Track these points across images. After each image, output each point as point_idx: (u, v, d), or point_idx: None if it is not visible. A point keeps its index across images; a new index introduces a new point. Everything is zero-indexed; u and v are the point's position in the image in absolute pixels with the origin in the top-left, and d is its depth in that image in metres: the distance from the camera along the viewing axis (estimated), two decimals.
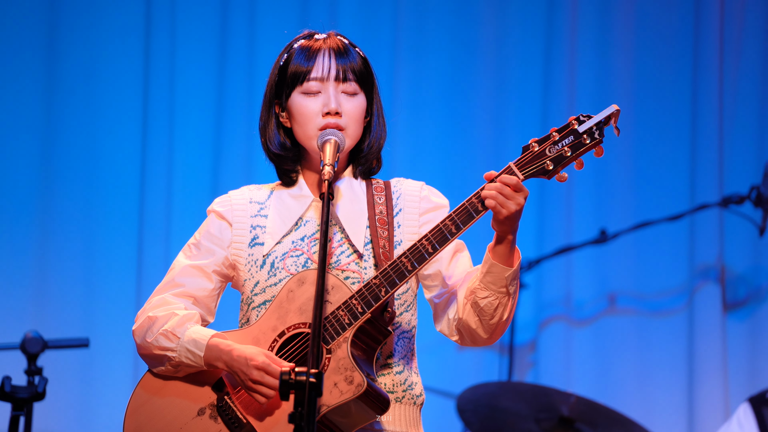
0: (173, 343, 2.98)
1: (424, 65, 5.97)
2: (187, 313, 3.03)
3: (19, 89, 5.81)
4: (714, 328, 5.80)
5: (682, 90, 5.97)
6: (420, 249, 2.88)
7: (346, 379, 2.86)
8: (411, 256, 2.89)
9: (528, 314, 5.91)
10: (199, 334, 2.97)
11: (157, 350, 2.99)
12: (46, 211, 5.77)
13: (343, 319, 2.90)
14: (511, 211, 2.83)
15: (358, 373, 2.85)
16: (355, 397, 2.83)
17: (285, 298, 2.96)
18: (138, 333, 3.03)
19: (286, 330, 2.95)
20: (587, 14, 5.97)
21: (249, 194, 3.15)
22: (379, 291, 2.89)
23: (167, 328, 2.99)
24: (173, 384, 3.02)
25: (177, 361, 2.98)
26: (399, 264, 2.89)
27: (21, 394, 4.46)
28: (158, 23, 5.86)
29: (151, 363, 3.03)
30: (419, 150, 5.95)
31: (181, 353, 2.97)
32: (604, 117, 2.82)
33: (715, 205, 5.78)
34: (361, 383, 2.84)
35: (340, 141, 2.98)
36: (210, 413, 2.99)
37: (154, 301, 3.07)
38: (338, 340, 2.89)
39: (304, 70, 3.03)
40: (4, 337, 5.44)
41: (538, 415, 4.89)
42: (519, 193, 2.84)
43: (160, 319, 3.01)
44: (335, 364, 2.87)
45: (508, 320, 2.96)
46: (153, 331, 3.00)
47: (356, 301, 2.90)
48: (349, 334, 2.89)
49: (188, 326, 2.99)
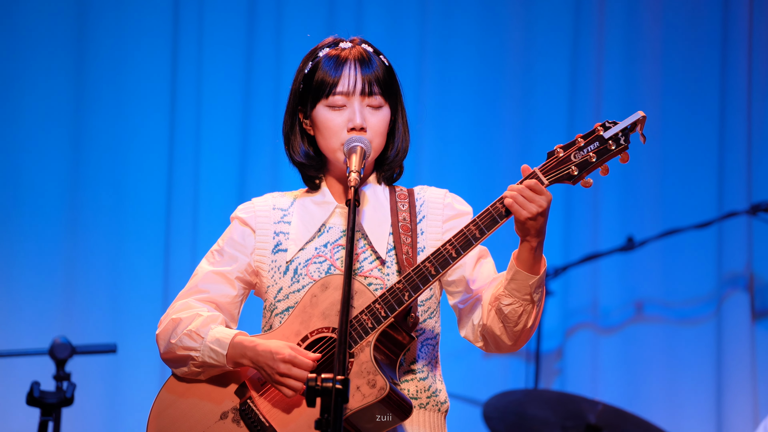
0: (197, 343, 2.98)
1: (450, 70, 5.97)
2: (212, 315, 3.04)
3: (48, 94, 5.85)
4: (743, 336, 5.76)
5: (709, 96, 5.94)
6: (444, 254, 2.88)
7: (368, 383, 2.86)
8: (434, 260, 2.89)
9: (554, 321, 5.89)
10: (222, 334, 2.98)
11: (181, 350, 3.00)
12: (74, 217, 5.81)
13: (366, 323, 2.90)
14: (531, 213, 2.83)
15: (380, 376, 2.85)
16: (377, 401, 2.83)
17: (308, 302, 2.97)
18: (162, 336, 3.04)
19: (309, 334, 2.96)
20: (614, 18, 5.96)
21: (272, 201, 3.16)
22: (403, 295, 2.90)
23: (191, 329, 3.00)
24: (196, 387, 3.03)
25: (200, 361, 2.98)
26: (422, 268, 2.89)
27: (50, 400, 4.50)
28: (185, 27, 5.89)
29: (175, 365, 3.04)
30: (444, 156, 5.94)
31: (205, 353, 2.98)
32: (630, 123, 2.82)
33: (743, 212, 5.75)
34: (384, 387, 2.84)
35: (366, 148, 2.98)
36: (233, 417, 2.99)
37: (177, 305, 3.08)
38: (361, 344, 2.90)
39: (330, 82, 3.02)
40: (32, 343, 5.48)
41: (564, 423, 4.87)
42: (540, 196, 2.83)
43: (184, 321, 3.02)
44: (358, 368, 2.88)
45: (533, 328, 2.95)
46: (177, 332, 3.01)
47: (379, 306, 2.90)
48: (372, 338, 2.90)
49: (212, 327, 3.00)
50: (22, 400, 4.69)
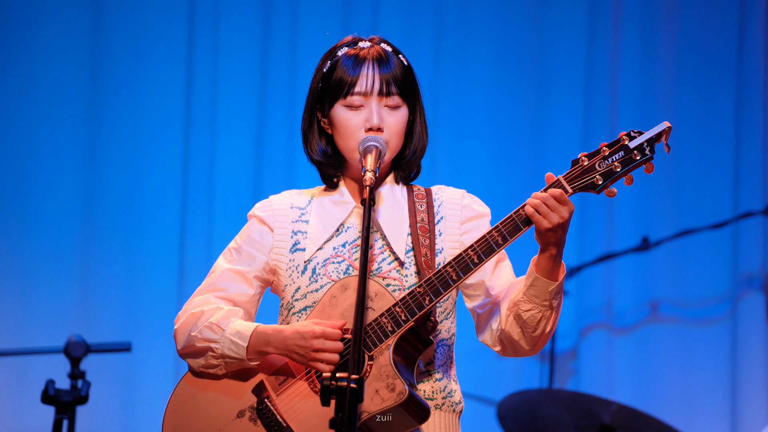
0: (217, 335, 2.98)
1: (466, 73, 5.96)
2: (232, 309, 3.04)
3: (64, 97, 5.86)
4: (758, 336, 5.75)
5: (725, 96, 5.92)
6: (465, 259, 2.88)
7: (387, 387, 2.85)
8: (456, 265, 2.88)
9: (569, 321, 5.89)
10: (243, 326, 2.98)
11: (201, 342, 2.98)
12: (89, 216, 5.82)
13: (386, 327, 2.90)
14: (553, 223, 2.82)
15: (399, 380, 2.85)
16: (396, 405, 2.83)
17: (328, 303, 2.96)
18: (181, 330, 3.03)
19: None
20: (629, 19, 5.94)
21: (290, 199, 3.15)
22: (423, 300, 2.89)
23: (213, 321, 2.99)
24: (213, 384, 3.03)
25: (219, 353, 2.97)
26: (444, 273, 2.88)
27: (64, 398, 4.51)
28: (201, 26, 5.89)
29: (194, 357, 3.02)
30: (460, 157, 5.94)
31: (225, 344, 2.97)
32: (655, 134, 2.82)
33: (759, 213, 5.73)
34: (403, 391, 2.84)
35: (382, 147, 2.98)
36: (250, 416, 2.99)
37: (196, 300, 3.07)
38: (381, 347, 2.89)
39: (348, 82, 3.02)
40: (47, 341, 5.49)
41: (579, 422, 4.86)
42: (563, 206, 2.82)
43: (206, 313, 3.01)
44: (377, 371, 2.87)
45: (551, 332, 2.95)
46: (198, 324, 3.00)
47: (400, 309, 2.90)
48: (392, 341, 2.89)
49: (233, 319, 3.00)
50: (37, 399, 4.70)
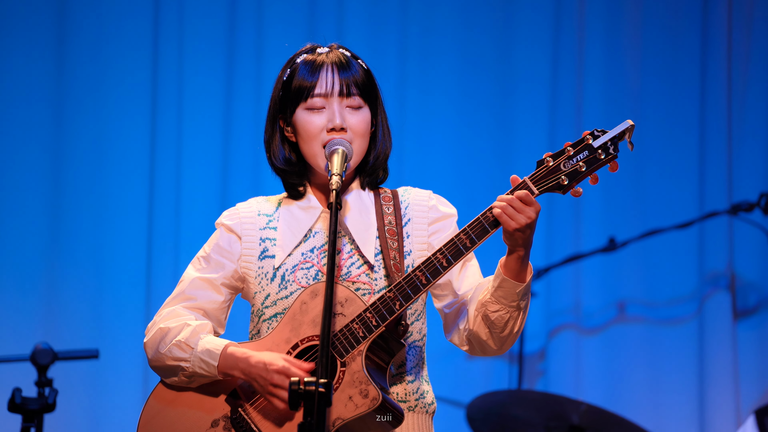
0: (187, 354, 2.98)
1: (432, 74, 5.97)
2: (200, 324, 3.03)
3: (28, 100, 5.81)
4: (724, 335, 5.79)
5: (690, 97, 5.96)
6: (434, 263, 2.89)
7: (361, 393, 2.85)
8: (425, 269, 2.89)
9: (537, 323, 5.90)
10: (213, 344, 2.97)
11: (170, 361, 2.99)
12: (55, 223, 5.78)
13: (357, 333, 2.90)
14: (520, 224, 2.83)
15: (373, 386, 2.85)
16: (370, 411, 2.83)
17: (298, 310, 2.96)
18: (150, 345, 3.03)
19: (299, 342, 2.95)
20: (594, 20, 5.97)
21: (257, 206, 3.15)
22: (394, 304, 2.90)
23: (180, 339, 2.99)
24: (186, 395, 3.02)
25: (191, 371, 2.98)
26: (413, 277, 2.89)
27: (31, 406, 4.46)
28: (166, 35, 5.87)
29: (164, 374, 3.03)
30: (427, 158, 5.94)
31: (195, 363, 2.97)
32: (618, 132, 2.83)
33: (724, 212, 5.77)
34: (377, 397, 2.84)
35: (347, 150, 2.98)
36: (224, 425, 2.98)
37: (164, 313, 3.07)
38: (353, 353, 2.89)
39: (307, 86, 3.03)
40: (14, 349, 5.45)
41: (548, 423, 4.88)
42: (530, 207, 2.83)
43: (172, 330, 3.01)
44: (350, 378, 2.87)
45: (518, 332, 2.97)
46: (166, 341, 3.00)
47: (370, 315, 2.90)
48: (364, 347, 2.89)
49: (201, 336, 3.00)
50: (4, 407, 4.65)
